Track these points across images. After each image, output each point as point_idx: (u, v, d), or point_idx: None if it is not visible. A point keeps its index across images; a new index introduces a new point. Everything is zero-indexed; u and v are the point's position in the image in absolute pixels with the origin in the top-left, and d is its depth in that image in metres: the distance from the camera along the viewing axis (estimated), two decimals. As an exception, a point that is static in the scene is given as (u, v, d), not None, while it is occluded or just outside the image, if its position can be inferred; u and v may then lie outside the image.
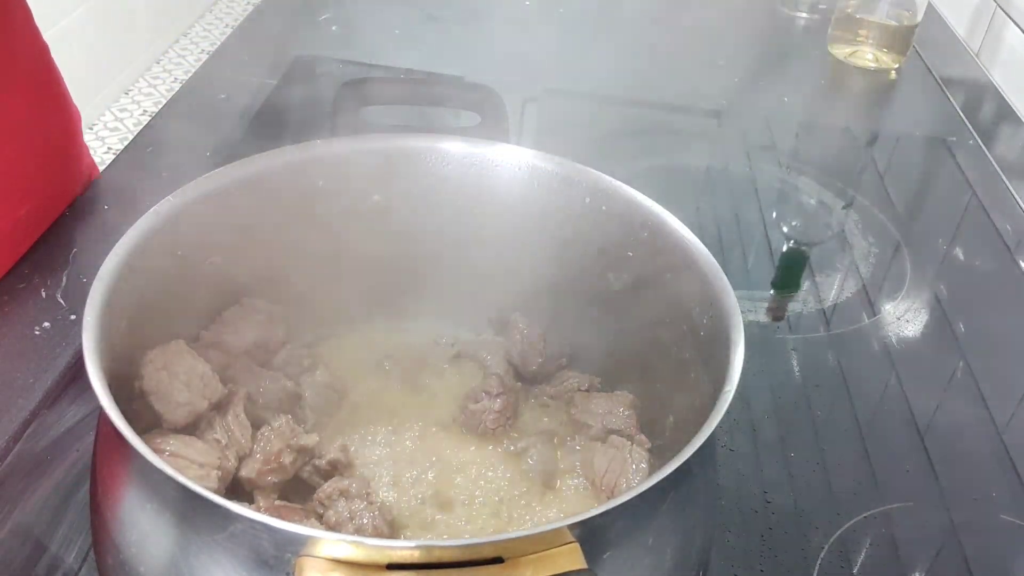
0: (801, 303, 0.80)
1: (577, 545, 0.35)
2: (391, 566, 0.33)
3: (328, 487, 0.48)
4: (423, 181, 0.58)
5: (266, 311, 0.56)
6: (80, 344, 0.41)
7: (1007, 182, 0.98)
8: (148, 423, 0.48)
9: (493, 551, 0.34)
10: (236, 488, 0.49)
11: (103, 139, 2.40)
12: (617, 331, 0.58)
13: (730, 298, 0.48)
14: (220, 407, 0.50)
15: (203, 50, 2.99)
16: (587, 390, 0.57)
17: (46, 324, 0.66)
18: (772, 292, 0.81)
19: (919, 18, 1.16)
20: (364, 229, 0.58)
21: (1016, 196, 0.96)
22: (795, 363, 0.72)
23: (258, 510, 0.45)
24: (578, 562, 0.35)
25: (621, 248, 0.55)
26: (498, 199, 0.58)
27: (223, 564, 0.36)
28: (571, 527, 0.35)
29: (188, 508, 0.37)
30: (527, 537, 0.35)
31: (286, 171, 0.55)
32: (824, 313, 0.78)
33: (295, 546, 0.34)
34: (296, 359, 0.57)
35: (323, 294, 0.59)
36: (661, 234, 0.53)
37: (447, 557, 0.34)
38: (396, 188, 0.58)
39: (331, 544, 0.33)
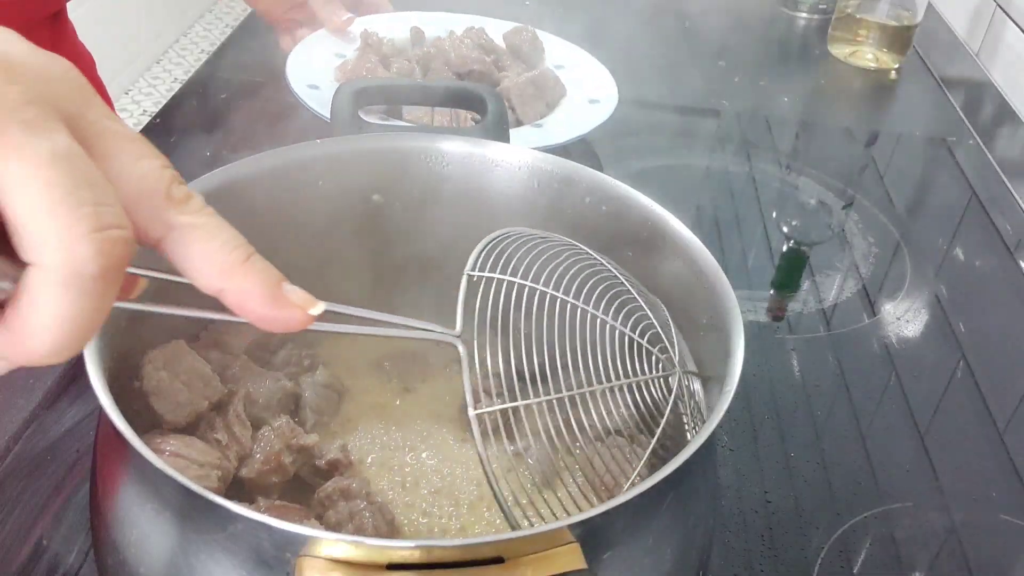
0: (801, 303, 0.80)
1: (577, 545, 0.35)
2: (391, 566, 0.33)
3: (328, 487, 0.48)
4: (423, 181, 0.58)
5: None
6: (80, 344, 0.41)
7: (1007, 182, 0.98)
8: (148, 423, 0.48)
9: (493, 551, 0.34)
10: (236, 488, 0.49)
11: (103, 139, 2.40)
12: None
13: (730, 298, 0.48)
14: (220, 407, 0.50)
15: (203, 50, 2.99)
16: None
17: (46, 324, 0.66)
18: (772, 292, 0.81)
19: (919, 18, 1.16)
20: (364, 229, 0.58)
21: (1016, 196, 0.96)
22: (795, 363, 0.72)
23: (258, 510, 0.45)
24: (578, 562, 0.35)
25: (621, 248, 0.55)
26: (498, 199, 0.58)
27: (223, 564, 0.36)
28: (571, 527, 0.35)
29: (188, 508, 0.37)
30: (527, 537, 0.35)
31: (286, 171, 0.55)
32: (824, 313, 0.78)
33: (295, 546, 0.34)
34: (296, 359, 0.57)
35: (323, 294, 0.59)
36: (661, 234, 0.53)
37: (447, 557, 0.34)
38: (396, 188, 0.58)
39: (331, 544, 0.33)
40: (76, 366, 0.63)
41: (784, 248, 0.88)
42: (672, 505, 0.41)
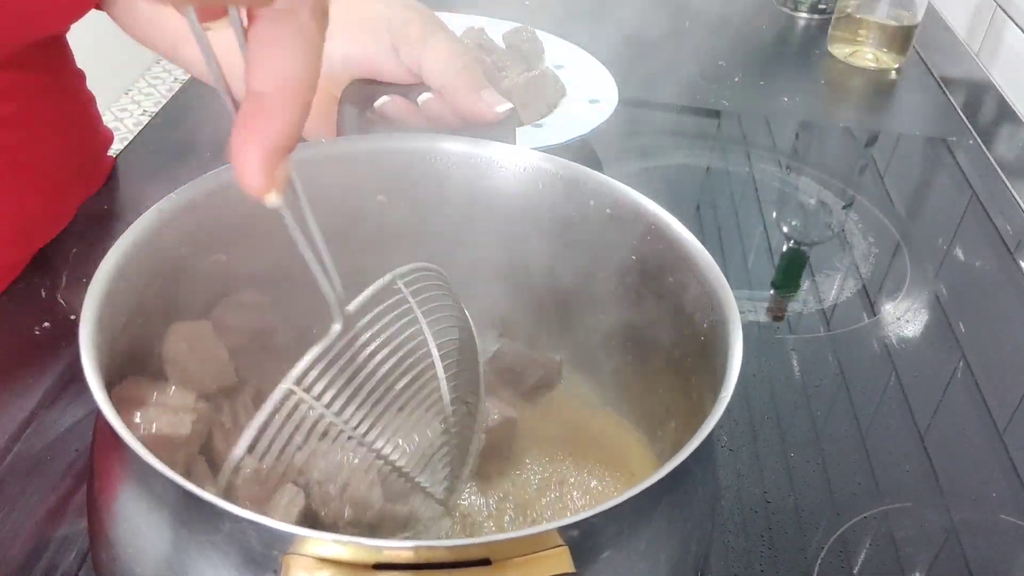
0: (801, 303, 0.80)
1: (566, 548, 0.35)
2: (378, 566, 0.33)
3: None
4: (427, 181, 0.58)
5: (254, 304, 0.56)
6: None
7: (1007, 182, 0.98)
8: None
9: (481, 552, 0.34)
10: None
11: (106, 140, 2.40)
12: (620, 334, 0.57)
13: (730, 303, 0.47)
14: (229, 394, 0.50)
15: (205, 50, 2.99)
16: None
17: (46, 324, 0.67)
18: (772, 292, 0.81)
19: (919, 18, 1.15)
20: (368, 230, 0.58)
21: (1016, 196, 0.96)
22: (795, 363, 0.72)
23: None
24: (566, 566, 0.34)
25: (625, 251, 0.55)
26: (502, 200, 0.58)
27: (214, 561, 0.36)
28: (561, 530, 0.35)
29: (180, 505, 0.36)
30: (515, 539, 0.34)
31: (289, 171, 0.55)
32: (824, 313, 0.78)
33: (283, 544, 0.34)
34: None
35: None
36: (665, 238, 0.53)
37: (434, 558, 0.34)
38: (400, 188, 0.58)
39: (318, 543, 0.33)
40: (76, 366, 0.63)
41: (784, 248, 0.88)
42: (668, 508, 0.41)
